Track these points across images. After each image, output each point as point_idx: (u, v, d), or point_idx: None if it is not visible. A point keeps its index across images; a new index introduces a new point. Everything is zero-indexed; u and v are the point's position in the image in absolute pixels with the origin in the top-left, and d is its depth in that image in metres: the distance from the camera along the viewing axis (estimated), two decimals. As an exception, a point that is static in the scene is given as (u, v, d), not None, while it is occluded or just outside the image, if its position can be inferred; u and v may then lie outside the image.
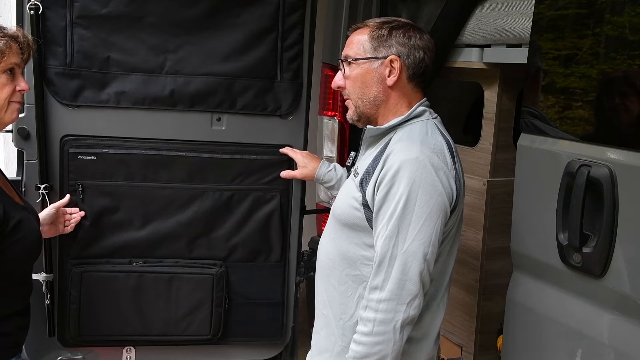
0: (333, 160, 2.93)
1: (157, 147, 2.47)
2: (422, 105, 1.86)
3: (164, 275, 2.50)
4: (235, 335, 2.61)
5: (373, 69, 1.83)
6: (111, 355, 2.57)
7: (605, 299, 1.66)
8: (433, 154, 1.72)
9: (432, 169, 1.70)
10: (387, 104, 1.85)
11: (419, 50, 1.82)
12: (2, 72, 1.79)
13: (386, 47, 1.81)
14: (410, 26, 1.85)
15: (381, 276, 1.71)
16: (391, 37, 1.81)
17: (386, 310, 1.70)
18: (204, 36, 2.44)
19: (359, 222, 1.82)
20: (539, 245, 1.84)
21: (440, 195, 1.70)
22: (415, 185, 1.68)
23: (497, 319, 2.45)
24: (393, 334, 1.70)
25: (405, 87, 1.85)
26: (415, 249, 1.69)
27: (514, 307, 1.97)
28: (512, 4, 2.37)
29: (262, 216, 2.57)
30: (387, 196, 1.71)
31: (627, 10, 1.58)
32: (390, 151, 1.76)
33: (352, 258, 1.85)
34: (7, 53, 1.78)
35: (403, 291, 1.69)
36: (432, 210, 1.69)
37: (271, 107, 2.54)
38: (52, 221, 2.31)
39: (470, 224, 2.62)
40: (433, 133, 1.80)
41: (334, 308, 1.90)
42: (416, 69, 1.83)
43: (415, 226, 1.69)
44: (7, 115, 1.84)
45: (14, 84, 1.83)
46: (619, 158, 1.60)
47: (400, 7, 2.86)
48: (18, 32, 1.85)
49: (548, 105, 1.81)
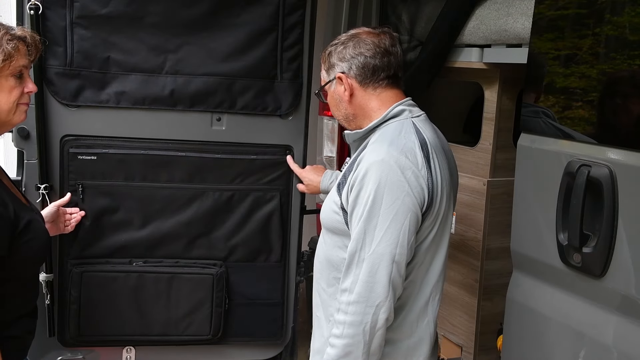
0: (333, 160, 2.93)
1: (157, 147, 2.47)
2: (402, 105, 1.85)
3: (164, 275, 2.51)
4: (235, 335, 2.62)
5: (333, 91, 1.92)
6: (111, 355, 2.57)
7: (605, 299, 1.66)
8: (400, 154, 1.71)
9: (398, 170, 1.68)
10: (357, 116, 1.89)
11: (357, 57, 1.84)
12: (11, 76, 1.77)
13: (332, 68, 1.90)
14: (350, 37, 1.88)
15: (350, 278, 1.72)
16: (332, 57, 1.89)
17: (355, 312, 1.70)
18: (204, 36, 2.44)
19: (339, 225, 1.83)
20: (539, 245, 1.84)
21: (408, 196, 1.68)
22: (380, 187, 1.68)
23: (497, 319, 2.45)
24: (362, 336, 1.69)
25: (364, 94, 1.86)
26: (382, 251, 1.68)
27: (514, 307, 1.97)
28: (512, 4, 2.37)
29: (262, 216, 2.57)
30: (357, 199, 1.72)
31: (627, 10, 1.58)
32: (363, 154, 1.77)
33: (336, 261, 1.85)
34: (15, 56, 1.76)
35: (372, 294, 1.68)
36: (399, 211, 1.68)
37: (271, 107, 2.54)
38: (53, 220, 2.31)
39: (470, 224, 2.62)
40: (406, 132, 1.78)
41: (325, 310, 1.92)
42: (364, 74, 1.85)
43: (381, 228, 1.68)
44: (15, 117, 1.82)
45: (22, 86, 1.81)
46: (619, 158, 1.60)
47: (400, 8, 2.86)
48: (26, 33, 1.82)
49: (548, 105, 1.81)
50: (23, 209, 1.82)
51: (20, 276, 1.81)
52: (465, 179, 2.61)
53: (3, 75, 1.75)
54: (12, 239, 1.73)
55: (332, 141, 2.94)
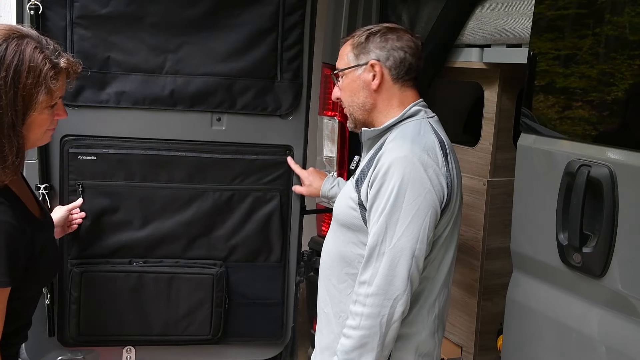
0: (333, 160, 2.93)
1: (157, 147, 2.47)
2: (418, 105, 1.90)
3: (164, 275, 2.50)
4: (235, 335, 2.61)
5: (357, 76, 1.91)
6: (111, 355, 2.56)
7: (605, 299, 1.66)
8: (423, 152, 1.76)
9: (421, 167, 1.73)
10: (376, 107, 1.91)
11: (398, 50, 1.88)
12: (46, 108, 1.63)
13: (365, 53, 1.89)
14: (389, 29, 1.92)
15: (369, 271, 1.75)
16: (369, 43, 1.89)
17: (373, 304, 1.73)
18: (204, 36, 2.44)
19: (355, 221, 1.86)
20: (539, 245, 1.84)
21: (429, 193, 1.73)
22: (404, 183, 1.71)
23: (497, 319, 2.45)
24: (379, 328, 1.73)
25: (391, 88, 1.90)
26: (403, 245, 1.72)
27: (514, 307, 1.97)
28: (512, 4, 2.37)
29: (262, 216, 2.57)
30: (378, 194, 1.75)
31: (627, 10, 1.58)
32: (383, 151, 1.80)
33: (350, 257, 1.89)
34: (55, 93, 1.62)
35: (390, 287, 1.72)
36: (421, 208, 1.72)
37: (271, 107, 2.54)
38: (62, 224, 2.29)
39: (470, 224, 2.62)
40: (425, 132, 1.83)
41: (334, 306, 1.94)
42: (399, 69, 1.88)
43: (403, 223, 1.72)
44: (40, 142, 1.74)
45: (54, 115, 1.68)
46: (619, 158, 1.60)
47: (400, 8, 2.86)
48: (68, 65, 1.65)
49: (548, 105, 1.81)
50: (39, 230, 1.74)
51: (27, 295, 1.76)
52: (465, 179, 2.60)
53: (39, 110, 1.61)
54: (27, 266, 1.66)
55: (332, 141, 2.93)
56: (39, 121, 1.64)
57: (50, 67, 1.59)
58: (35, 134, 1.66)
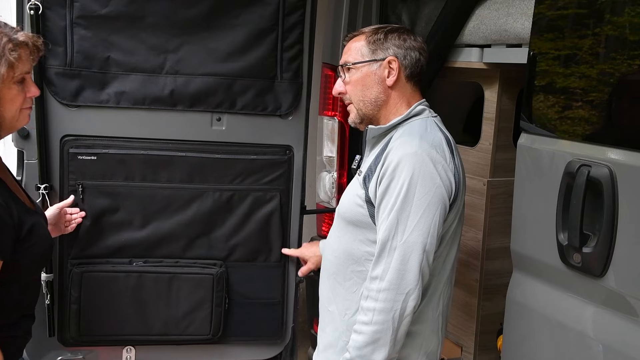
0: (333, 160, 2.94)
1: (157, 147, 2.47)
2: (422, 105, 1.93)
3: (164, 275, 2.50)
4: (235, 335, 2.61)
5: (372, 71, 1.91)
6: (111, 355, 2.56)
7: (605, 299, 1.66)
8: (432, 148, 1.77)
9: (431, 163, 1.75)
10: (387, 104, 1.92)
11: (414, 51, 1.91)
12: (14, 83, 1.71)
13: (383, 49, 1.90)
14: (403, 29, 1.95)
15: (381, 266, 1.76)
16: (387, 40, 1.90)
17: (385, 299, 1.74)
18: (204, 36, 2.44)
19: (362, 218, 1.87)
20: (539, 245, 1.84)
21: (439, 188, 1.75)
22: (414, 178, 1.73)
23: (497, 319, 2.45)
24: (392, 322, 1.74)
25: (404, 87, 1.92)
26: (414, 240, 1.73)
27: (514, 307, 1.97)
28: (512, 4, 2.37)
29: (262, 216, 2.57)
30: (387, 190, 1.76)
31: (627, 10, 1.58)
32: (391, 148, 1.82)
33: (357, 254, 1.90)
34: (17, 65, 1.69)
35: (402, 281, 1.73)
36: (431, 202, 1.74)
37: (271, 107, 2.54)
38: (56, 222, 2.31)
39: (470, 224, 2.62)
40: (432, 129, 1.86)
41: (339, 304, 1.94)
42: (413, 69, 1.91)
43: (414, 217, 1.73)
44: (19, 122, 1.79)
45: (25, 92, 1.76)
46: (619, 158, 1.60)
47: (400, 8, 2.86)
48: (28, 38, 1.74)
49: (548, 105, 1.81)
50: (27, 213, 1.80)
51: (21, 279, 1.80)
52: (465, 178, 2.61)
53: (6, 85, 1.69)
54: (15, 244, 1.71)
55: (332, 141, 2.93)
56: (9, 97, 1.71)
57: (8, 40, 1.67)
58: (8, 110, 1.72)
